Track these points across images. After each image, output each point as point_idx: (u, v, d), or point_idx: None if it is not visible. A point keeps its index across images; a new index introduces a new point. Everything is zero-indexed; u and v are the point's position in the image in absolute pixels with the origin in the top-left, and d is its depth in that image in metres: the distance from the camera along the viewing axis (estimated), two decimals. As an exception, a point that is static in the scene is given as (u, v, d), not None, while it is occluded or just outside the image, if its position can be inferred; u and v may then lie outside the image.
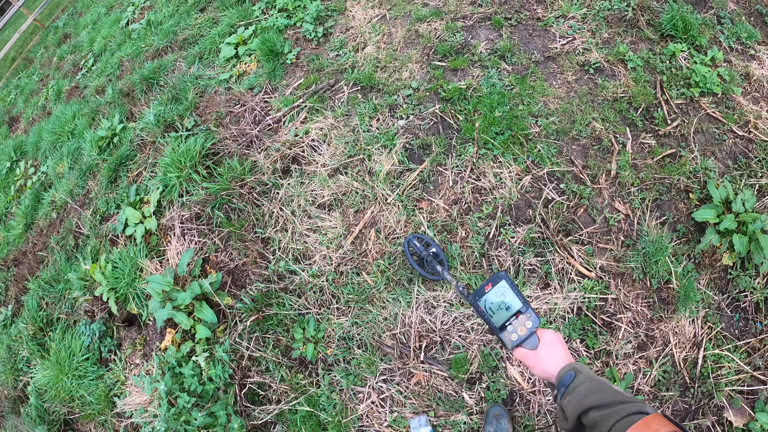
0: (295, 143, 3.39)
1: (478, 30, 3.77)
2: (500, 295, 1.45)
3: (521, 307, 1.43)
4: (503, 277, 1.46)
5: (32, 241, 3.84)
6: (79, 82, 5.32)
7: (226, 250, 3.21)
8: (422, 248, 2.81)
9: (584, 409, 1.13)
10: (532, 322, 1.41)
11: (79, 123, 4.33)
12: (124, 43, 5.14)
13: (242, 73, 3.90)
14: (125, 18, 5.70)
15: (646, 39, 3.60)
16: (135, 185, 3.58)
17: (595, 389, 1.15)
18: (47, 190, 4.09)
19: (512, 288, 1.45)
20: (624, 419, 1.04)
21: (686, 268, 2.80)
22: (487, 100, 3.30)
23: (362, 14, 4.08)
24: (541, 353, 1.36)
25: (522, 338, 1.41)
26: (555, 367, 1.30)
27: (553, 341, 1.37)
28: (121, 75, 4.68)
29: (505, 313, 1.44)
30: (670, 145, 3.13)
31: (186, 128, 3.65)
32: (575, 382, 1.21)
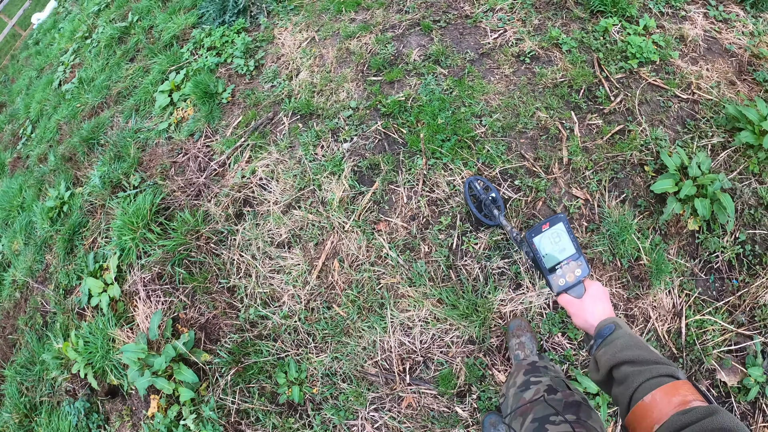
0: (244, 185, 3.19)
1: (408, 38, 3.59)
2: (555, 237, 1.38)
3: (574, 254, 1.36)
4: (562, 219, 1.38)
5: (0, 325, 3.61)
6: (20, 152, 5.04)
7: (194, 306, 3.01)
8: (482, 191, 2.64)
9: (618, 362, 1.10)
10: (581, 271, 1.34)
11: (27, 195, 4.07)
12: (59, 105, 4.86)
13: (180, 119, 3.68)
14: (57, 79, 5.41)
15: (576, 19, 3.45)
16: (92, 253, 3.36)
17: (631, 345, 1.11)
18: (6, 270, 3.85)
19: (568, 232, 1.37)
20: (654, 379, 1.01)
21: (654, 241, 2.68)
22: (428, 108, 3.13)
23: (291, 40, 3.87)
24: (585, 303, 1.31)
25: (569, 285, 1.34)
26: (596, 318, 1.26)
27: (599, 294, 1.32)
28: (60, 139, 4.42)
29: (557, 255, 1.37)
30: (617, 122, 2.99)
31: (133, 186, 3.43)
32: (613, 336, 1.17)
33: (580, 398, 1.56)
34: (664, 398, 0.96)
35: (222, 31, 3.95)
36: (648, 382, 1.00)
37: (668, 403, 0.94)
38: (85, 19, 6.07)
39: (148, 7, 5.08)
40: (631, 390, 1.03)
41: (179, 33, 4.31)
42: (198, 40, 4.07)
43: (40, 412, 3.15)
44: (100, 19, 5.78)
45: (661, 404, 0.95)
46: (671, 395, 0.95)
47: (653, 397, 0.97)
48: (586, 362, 2.51)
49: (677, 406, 0.93)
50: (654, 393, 0.97)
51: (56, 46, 6.33)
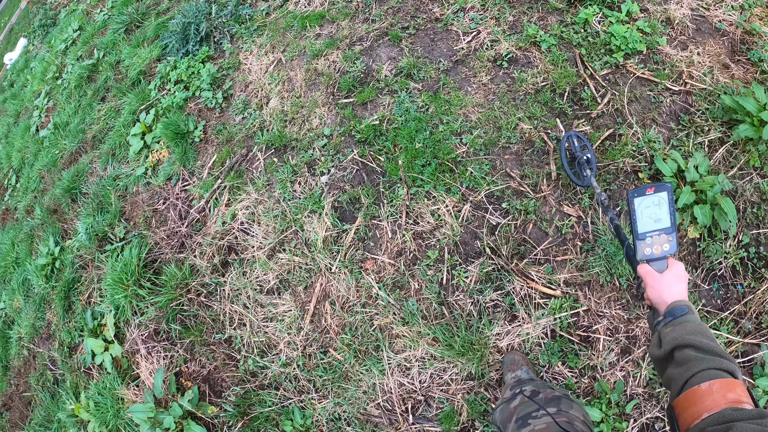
0: (226, 232, 2.99)
1: (377, 50, 3.25)
2: (656, 204, 1.29)
3: (668, 228, 1.28)
4: (668, 188, 1.29)
5: (14, 383, 3.55)
6: (8, 203, 4.86)
7: (194, 359, 2.89)
8: (578, 148, 2.49)
9: (684, 343, 1.07)
10: (670, 246, 1.27)
11: (20, 251, 3.93)
12: (39, 152, 4.62)
13: (156, 162, 3.45)
14: (34, 124, 5.14)
15: (554, 10, 3.09)
16: (89, 310, 3.23)
17: (700, 332, 1.09)
18: (11, 328, 3.75)
19: (670, 204, 1.29)
20: (715, 370, 0.99)
21: (651, 257, 2.45)
22: (404, 131, 2.86)
23: (258, 64, 3.55)
24: (666, 279, 1.25)
25: (654, 257, 1.28)
26: (672, 296, 1.22)
27: (682, 275, 1.26)
28: (44, 189, 4.22)
29: (652, 223, 1.29)
30: (606, 126, 2.70)
31: (119, 238, 3.26)
32: (685, 318, 1.14)
33: (561, 393, 1.57)
34: (720, 390, 0.94)
35: (187, 62, 3.64)
36: (708, 371, 0.98)
37: (723, 397, 0.92)
38: (53, 59, 5.75)
39: (112, 41, 4.77)
40: (690, 374, 1.00)
41: (145, 68, 4.00)
42: (164, 75, 3.76)
43: (64, 471, 3.11)
44: (68, 57, 5.46)
45: (717, 395, 0.93)
46: (728, 390, 0.93)
47: (710, 387, 0.95)
48: (589, 389, 2.35)
49: (731, 402, 0.91)
50: (712, 383, 0.95)
51: (29, 89, 6.02)
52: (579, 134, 2.60)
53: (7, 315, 3.84)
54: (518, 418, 1.48)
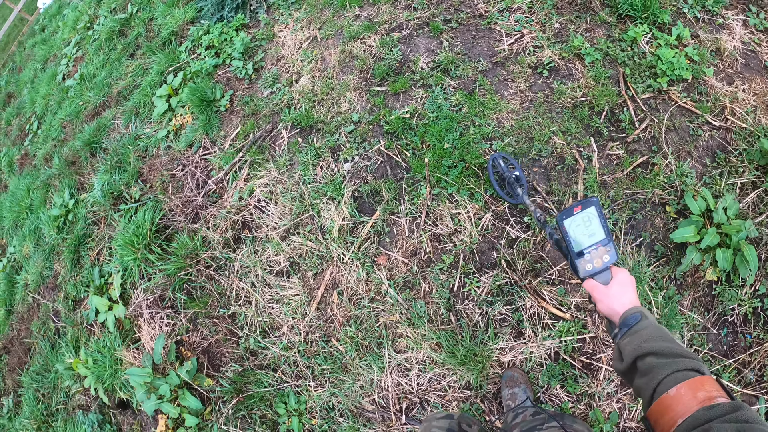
0: (242, 207, 2.88)
1: (416, 40, 3.09)
2: (587, 221, 1.27)
3: (603, 239, 1.26)
4: (594, 202, 1.27)
5: (16, 328, 3.50)
6: (27, 149, 4.73)
7: (196, 330, 2.82)
8: (506, 168, 2.41)
9: (644, 352, 1.02)
10: (610, 257, 1.24)
11: (35, 198, 3.84)
12: (63, 101, 4.48)
13: (179, 127, 3.32)
14: (60, 72, 4.99)
15: (602, 23, 2.91)
16: (97, 267, 3.16)
17: (657, 336, 1.04)
18: (19, 273, 3.69)
19: (600, 216, 1.27)
20: (680, 372, 0.94)
21: (667, 294, 2.35)
22: (435, 128, 2.72)
23: (292, 39, 3.38)
24: (612, 290, 1.21)
25: (596, 270, 1.25)
26: (622, 306, 1.17)
27: (627, 281, 1.22)
28: (65, 139, 4.09)
29: (586, 239, 1.27)
30: (640, 152, 2.56)
31: (134, 199, 3.16)
32: (639, 325, 1.09)
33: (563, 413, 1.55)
34: (689, 392, 0.89)
35: (220, 28, 3.47)
36: (673, 375, 0.94)
37: (693, 398, 0.88)
38: (86, 9, 5.53)
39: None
40: (656, 382, 0.95)
41: (177, 29, 3.83)
42: (196, 38, 3.60)
43: (56, 419, 3.08)
44: (101, 8, 5.25)
45: (686, 398, 0.89)
46: (696, 390, 0.89)
47: (678, 391, 0.90)
48: (583, 416, 2.28)
49: (702, 401, 0.87)
50: (679, 387, 0.91)
51: (60, 36, 5.83)
52: (504, 155, 2.51)
53: (16, 260, 3.77)
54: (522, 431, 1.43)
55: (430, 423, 1.64)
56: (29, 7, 10.09)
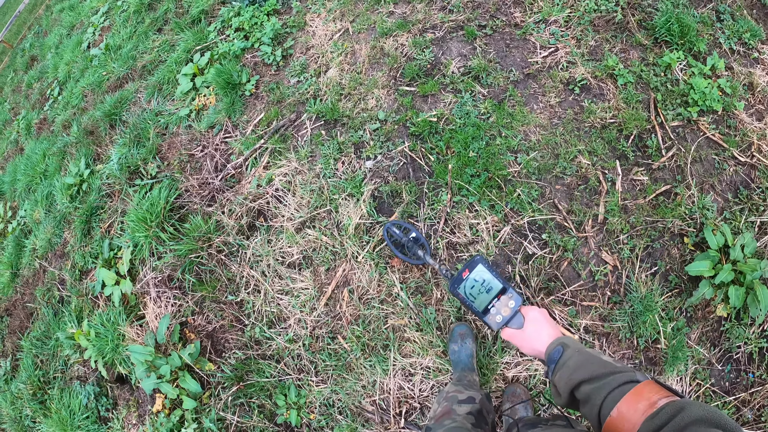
0: (259, 195, 2.78)
1: (449, 43, 2.98)
2: (479, 279, 1.26)
3: (501, 288, 1.25)
4: (480, 261, 1.27)
5: (20, 291, 3.41)
6: (47, 114, 4.59)
7: (202, 313, 2.74)
8: (401, 234, 2.36)
9: (575, 383, 0.99)
10: (514, 302, 1.23)
11: (50, 164, 3.72)
12: (86, 69, 4.34)
13: (202, 107, 3.21)
14: (86, 41, 4.82)
15: (638, 45, 2.81)
16: (107, 240, 3.06)
17: (584, 362, 1.01)
18: (27, 237, 3.59)
19: (490, 270, 1.26)
20: (616, 390, 0.91)
21: (677, 325, 2.28)
22: (461, 135, 2.63)
23: (323, 29, 3.26)
24: (528, 331, 1.19)
25: (507, 318, 1.23)
26: (543, 344, 1.15)
27: (538, 318, 1.20)
28: (85, 107, 3.97)
29: (486, 295, 1.25)
30: (664, 180, 2.48)
31: (150, 175, 3.05)
32: (563, 357, 1.06)
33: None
34: (629, 408, 0.86)
35: (252, 11, 3.34)
36: (610, 395, 0.91)
37: (635, 411, 0.85)
38: None
39: None
40: (597, 408, 0.93)
41: (208, 8, 3.69)
42: (226, 19, 3.47)
43: (52, 387, 3.01)
44: None
45: (628, 415, 0.86)
46: (635, 402, 0.86)
47: (619, 410, 0.88)
48: None
49: (644, 411, 0.84)
50: (618, 406, 0.88)
51: (88, 3, 5.65)
52: (396, 222, 2.46)
53: (26, 224, 3.66)
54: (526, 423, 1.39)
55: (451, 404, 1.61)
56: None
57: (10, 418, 3.11)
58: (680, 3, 2.91)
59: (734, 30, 2.85)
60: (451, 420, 1.52)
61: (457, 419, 1.52)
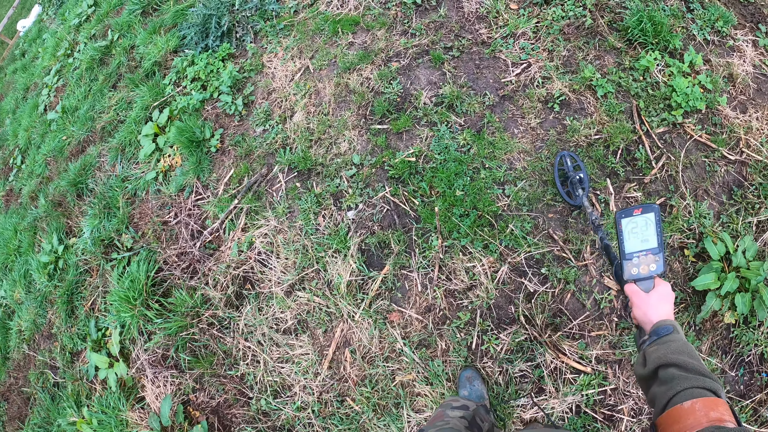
0: (242, 262, 2.41)
1: (416, 71, 2.57)
2: (643, 225, 1.12)
3: (655, 248, 1.11)
4: (655, 209, 1.12)
5: (13, 375, 3.01)
6: (12, 185, 4.05)
7: (203, 389, 2.40)
8: (571, 168, 2.14)
9: (669, 362, 0.92)
10: (657, 267, 1.10)
11: (23, 239, 3.26)
12: (46, 134, 3.78)
13: (168, 168, 2.77)
14: (42, 103, 4.23)
15: (612, 49, 2.44)
16: (93, 319, 2.67)
17: (684, 351, 0.94)
18: (11, 318, 3.16)
19: (657, 224, 1.12)
20: (698, 389, 0.85)
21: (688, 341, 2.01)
22: (443, 173, 2.27)
23: (282, 70, 2.80)
24: (652, 299, 1.08)
25: (641, 276, 1.11)
26: (658, 316, 1.05)
27: (667, 295, 1.09)
28: (50, 176, 3.46)
29: (639, 243, 1.12)
30: (658, 193, 2.18)
31: (126, 247, 2.64)
32: (670, 337, 0.99)
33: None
34: (703, 409, 0.81)
35: (206, 59, 2.86)
36: (692, 389, 0.85)
37: (705, 415, 0.80)
38: (65, 35, 4.71)
39: (128, 22, 3.81)
40: (673, 392, 0.87)
41: (160, 59, 3.17)
42: (180, 70, 2.97)
43: (66, 476, 2.65)
44: (81, 34, 4.45)
45: (699, 414, 0.81)
46: (711, 409, 0.81)
47: (693, 405, 0.82)
48: None
49: (713, 420, 0.79)
50: (695, 401, 0.83)
51: (40, 63, 4.97)
52: (572, 154, 2.22)
53: (8, 305, 3.22)
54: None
55: (445, 409, 1.51)
56: (9, 30, 8.72)
57: None
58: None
59: (705, 19, 2.50)
60: (444, 422, 1.43)
61: (449, 421, 1.44)
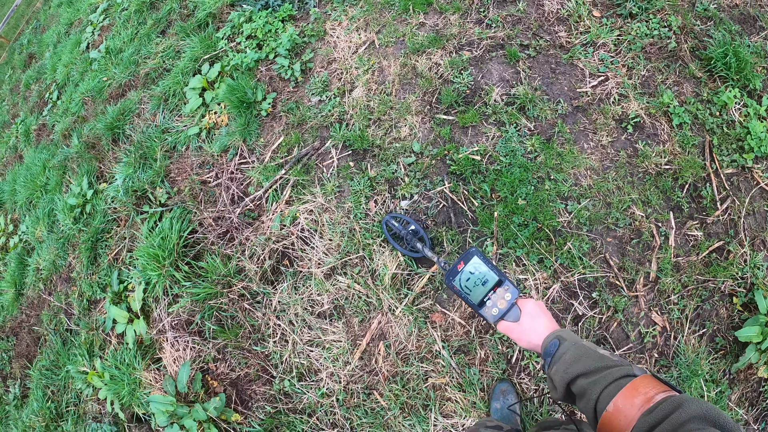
0: (283, 236, 2.16)
1: (489, 64, 2.31)
2: (475, 271, 1.06)
3: (497, 281, 1.05)
4: (474, 252, 1.08)
5: (25, 312, 2.75)
6: (46, 120, 3.63)
7: (225, 360, 2.20)
8: (401, 227, 1.99)
9: (571, 377, 0.82)
10: (510, 294, 1.04)
11: (51, 177, 2.92)
12: (85, 73, 3.38)
13: (213, 126, 2.46)
14: (85, 41, 3.78)
15: (691, 77, 2.22)
16: (116, 270, 2.41)
17: (580, 356, 0.84)
18: (30, 255, 2.87)
19: (485, 262, 1.07)
20: (611, 384, 0.76)
21: (720, 388, 1.89)
22: (507, 177, 2.05)
23: (345, 41, 2.49)
24: (524, 324, 1.01)
25: (503, 311, 1.04)
26: (539, 337, 0.97)
27: (535, 310, 1.02)
28: (86, 116, 3.09)
29: (482, 288, 1.06)
30: (717, 236, 2.00)
31: (159, 202, 2.37)
32: (560, 351, 0.89)
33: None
34: (626, 402, 0.72)
35: (265, 17, 2.52)
36: (606, 390, 0.76)
37: (631, 406, 0.71)
38: None
39: None
40: (593, 402, 0.78)
41: (216, 11, 2.80)
42: (236, 25, 2.63)
43: (66, 420, 2.45)
44: None
45: (625, 409, 0.71)
46: (632, 397, 0.72)
47: (615, 405, 0.73)
48: None
49: (641, 406, 0.70)
50: (615, 400, 0.73)
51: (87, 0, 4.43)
52: (395, 214, 2.11)
53: (28, 241, 2.91)
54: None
55: (479, 428, 1.42)
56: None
57: (24, 447, 2.57)
58: (733, 30, 2.31)
59: (789, 62, 2.29)
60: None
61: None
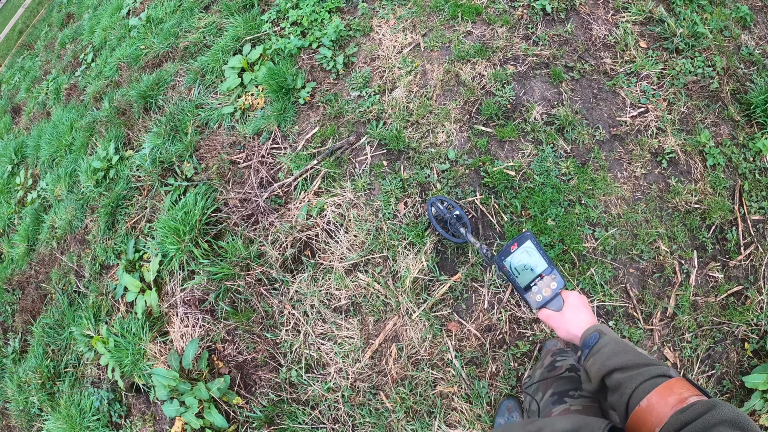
0: (308, 226, 1.98)
1: (532, 81, 2.13)
2: (525, 256, 0.98)
3: (546, 269, 0.97)
4: (529, 237, 0.98)
5: (35, 268, 2.54)
6: (78, 80, 3.39)
7: (233, 342, 2.02)
8: (445, 210, 1.84)
9: (608, 370, 0.77)
10: (557, 283, 0.96)
11: (77, 137, 2.71)
12: (123, 39, 3.15)
13: (248, 107, 2.26)
14: (126, 7, 3.53)
15: (729, 120, 2.07)
16: (133, 239, 2.21)
17: (619, 351, 0.79)
18: (47, 212, 2.65)
19: (538, 248, 0.98)
20: (647, 381, 0.71)
21: None
22: (539, 196, 1.88)
23: (391, 40, 2.30)
24: (566, 315, 0.93)
25: (547, 299, 0.96)
26: (579, 329, 0.89)
27: (578, 303, 0.94)
28: (119, 82, 2.87)
29: (530, 273, 0.98)
30: (737, 280, 1.86)
31: (185, 176, 2.16)
32: (599, 344, 0.82)
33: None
34: (660, 400, 0.67)
35: (312, 5, 2.32)
36: (641, 386, 0.71)
37: (665, 405, 0.66)
38: None
39: None
40: (626, 397, 0.72)
41: None
42: (282, 10, 2.42)
43: (63, 380, 2.25)
44: None
45: (658, 407, 0.67)
46: (666, 396, 0.67)
47: (649, 401, 0.68)
48: None
49: (674, 405, 0.65)
50: (649, 396, 0.68)
51: None
52: (441, 197, 1.93)
53: (46, 198, 2.68)
54: (555, 393, 1.08)
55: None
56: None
57: (15, 400, 2.36)
58: (772, 77, 2.16)
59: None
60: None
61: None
